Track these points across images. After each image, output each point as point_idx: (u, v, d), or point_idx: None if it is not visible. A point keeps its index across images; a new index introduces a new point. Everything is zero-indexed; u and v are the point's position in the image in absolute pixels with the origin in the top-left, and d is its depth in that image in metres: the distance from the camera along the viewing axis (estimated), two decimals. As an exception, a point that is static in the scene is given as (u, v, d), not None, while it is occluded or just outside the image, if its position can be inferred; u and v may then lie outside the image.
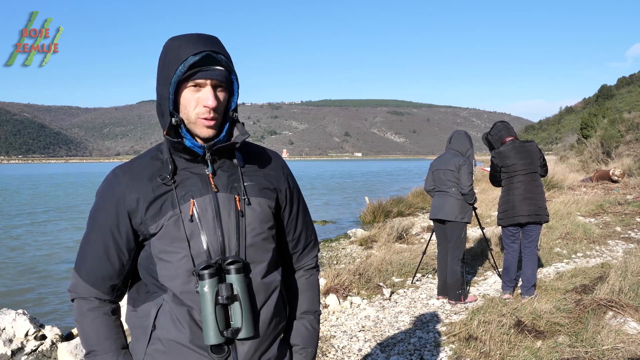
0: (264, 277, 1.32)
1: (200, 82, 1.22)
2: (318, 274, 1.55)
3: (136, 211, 1.27)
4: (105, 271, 1.30)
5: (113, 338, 1.31)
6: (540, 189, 4.87)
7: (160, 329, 1.27)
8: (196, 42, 1.21)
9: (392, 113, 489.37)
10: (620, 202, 11.70)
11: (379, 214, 13.32)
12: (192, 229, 1.25)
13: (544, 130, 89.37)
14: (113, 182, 1.31)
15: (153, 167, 1.30)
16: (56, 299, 7.55)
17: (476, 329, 3.95)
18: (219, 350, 1.24)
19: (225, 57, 1.23)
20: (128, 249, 1.30)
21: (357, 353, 3.97)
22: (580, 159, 24.39)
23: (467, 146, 5.05)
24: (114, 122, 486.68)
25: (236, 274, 1.23)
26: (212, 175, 1.30)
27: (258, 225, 1.31)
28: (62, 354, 4.40)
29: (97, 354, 1.30)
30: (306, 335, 1.46)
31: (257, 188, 1.33)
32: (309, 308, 1.49)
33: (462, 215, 4.92)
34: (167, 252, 1.26)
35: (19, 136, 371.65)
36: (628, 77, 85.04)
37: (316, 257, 1.54)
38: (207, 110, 1.23)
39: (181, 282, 1.25)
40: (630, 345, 3.43)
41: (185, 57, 1.19)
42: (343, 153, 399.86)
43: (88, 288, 1.31)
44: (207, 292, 1.20)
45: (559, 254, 6.97)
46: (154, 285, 1.30)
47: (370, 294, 5.59)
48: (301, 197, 1.50)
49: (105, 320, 1.31)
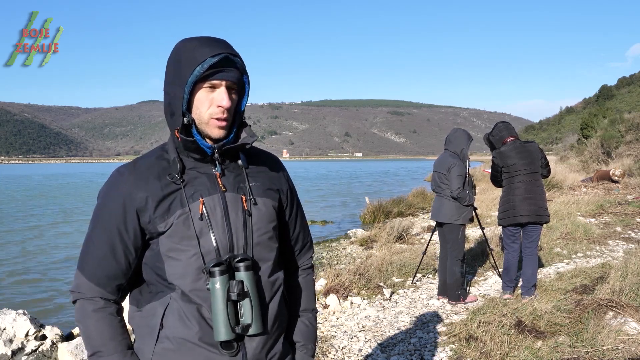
0: (270, 276, 1.35)
1: (216, 82, 1.25)
2: (313, 274, 1.60)
3: (145, 209, 1.28)
4: (111, 270, 1.30)
5: (119, 339, 1.29)
6: (541, 189, 4.87)
7: (168, 328, 1.28)
8: (212, 44, 1.24)
9: (392, 113, 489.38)
10: (620, 202, 11.70)
11: (379, 214, 13.33)
12: (202, 227, 1.27)
13: (544, 130, 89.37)
14: (119, 181, 1.32)
15: (159, 167, 1.31)
16: (56, 299, 7.56)
17: (476, 329, 3.95)
18: (228, 346, 1.26)
19: (240, 59, 1.28)
20: (135, 248, 1.31)
21: (358, 353, 3.97)
22: (580, 159, 24.38)
23: (461, 146, 4.98)
24: (114, 122, 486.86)
25: (245, 271, 1.26)
26: (220, 175, 1.32)
27: (264, 225, 1.35)
28: (62, 354, 4.40)
29: (102, 355, 1.28)
30: (306, 332, 1.52)
31: (261, 188, 1.37)
32: (307, 306, 1.54)
33: (457, 217, 4.92)
34: (177, 250, 1.27)
35: (19, 136, 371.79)
36: (628, 77, 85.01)
37: (312, 257, 1.60)
38: (221, 110, 1.26)
39: (191, 280, 1.27)
40: (631, 345, 3.43)
41: (204, 58, 1.21)
42: (343, 153, 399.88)
43: (93, 288, 1.30)
44: (218, 289, 1.22)
45: (559, 254, 6.97)
46: (161, 284, 1.31)
47: (371, 294, 5.59)
48: (298, 198, 1.54)
49: (110, 321, 1.30)
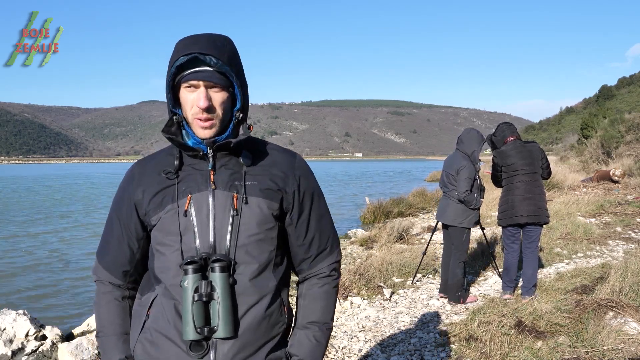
0: (254, 279, 1.28)
1: (194, 83, 1.25)
2: (335, 283, 1.44)
3: (141, 203, 1.34)
4: (117, 257, 1.39)
5: (118, 322, 1.39)
6: (541, 190, 4.86)
7: (151, 319, 1.32)
8: (189, 44, 1.24)
9: (392, 113, 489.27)
10: (620, 202, 11.70)
11: (379, 214, 13.32)
12: (186, 224, 1.28)
13: (545, 130, 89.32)
14: (129, 176, 1.40)
15: (164, 162, 1.36)
16: (57, 300, 7.55)
17: (476, 329, 3.95)
18: (197, 346, 1.24)
19: (217, 58, 1.22)
20: (137, 238, 1.38)
21: (358, 353, 3.97)
22: (580, 159, 24.39)
23: (473, 147, 4.88)
24: (114, 122, 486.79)
25: (220, 272, 1.23)
26: (213, 172, 1.31)
27: (254, 226, 1.29)
28: (62, 354, 4.40)
29: (103, 335, 1.39)
30: (307, 348, 1.37)
31: (258, 188, 1.31)
32: (318, 319, 1.40)
33: (462, 220, 4.89)
34: (163, 245, 1.31)
35: (19, 136, 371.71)
36: (628, 78, 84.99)
37: (333, 265, 1.44)
38: (199, 110, 1.25)
39: (172, 275, 1.28)
40: (631, 345, 3.43)
41: (176, 58, 1.23)
42: (343, 153, 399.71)
43: (104, 272, 1.41)
44: (187, 287, 1.22)
45: (559, 254, 6.97)
46: (152, 276, 1.35)
47: (371, 294, 5.59)
48: (316, 200, 1.42)
49: (114, 305, 1.40)
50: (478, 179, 4.95)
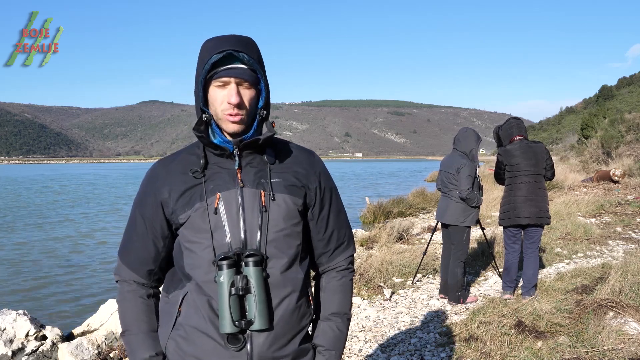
0: (285, 272, 1.34)
1: (225, 79, 1.29)
2: (352, 276, 1.53)
3: (168, 201, 1.36)
4: (142, 256, 1.40)
5: (145, 320, 1.40)
6: (543, 191, 4.84)
7: (183, 316, 1.34)
8: (221, 41, 1.29)
9: (392, 113, 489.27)
10: (620, 202, 11.69)
11: (379, 215, 13.33)
12: (217, 222, 1.31)
13: (545, 130, 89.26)
14: (152, 175, 1.42)
15: (187, 161, 1.38)
16: (57, 300, 7.56)
17: (477, 329, 3.95)
18: (234, 339, 1.28)
19: (248, 55, 1.28)
20: (163, 237, 1.40)
21: (358, 353, 3.97)
22: (580, 160, 24.38)
23: (470, 146, 4.90)
24: (115, 122, 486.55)
25: (253, 267, 1.27)
26: (239, 170, 1.35)
27: (281, 222, 1.34)
28: (62, 354, 4.40)
29: (130, 333, 1.40)
30: (332, 337, 1.46)
31: (283, 185, 1.36)
32: (338, 310, 1.48)
33: (463, 219, 4.89)
34: (193, 242, 1.33)
35: (19, 137, 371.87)
36: (628, 78, 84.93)
37: (350, 258, 1.52)
38: (230, 106, 1.29)
39: (203, 272, 1.31)
40: (631, 345, 3.43)
41: (209, 56, 1.27)
42: (343, 153, 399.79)
43: (127, 271, 1.42)
44: (223, 282, 1.26)
45: (559, 254, 6.97)
46: (182, 274, 1.37)
47: (371, 295, 5.59)
48: (335, 196, 1.49)
49: (140, 303, 1.41)
50: (477, 177, 4.96)
